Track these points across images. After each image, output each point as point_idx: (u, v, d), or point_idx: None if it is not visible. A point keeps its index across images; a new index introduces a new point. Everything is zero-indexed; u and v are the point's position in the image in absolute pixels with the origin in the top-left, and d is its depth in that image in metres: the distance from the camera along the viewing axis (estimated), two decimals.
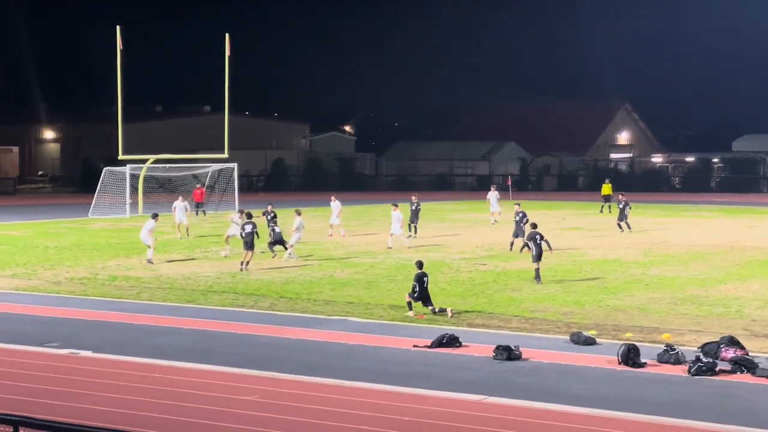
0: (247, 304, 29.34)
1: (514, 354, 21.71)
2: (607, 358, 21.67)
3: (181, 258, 40.47)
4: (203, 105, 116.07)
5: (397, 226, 43.29)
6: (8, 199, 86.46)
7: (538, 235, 33.03)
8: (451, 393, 19.01)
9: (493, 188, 58.35)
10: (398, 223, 43.31)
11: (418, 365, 21.42)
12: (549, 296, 30.51)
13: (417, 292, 27.09)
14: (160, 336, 24.58)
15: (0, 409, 16.22)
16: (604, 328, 25.21)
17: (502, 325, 25.87)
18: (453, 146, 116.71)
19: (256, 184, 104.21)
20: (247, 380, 19.99)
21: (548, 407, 18.02)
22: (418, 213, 49.31)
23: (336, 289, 31.93)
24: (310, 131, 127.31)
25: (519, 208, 43.18)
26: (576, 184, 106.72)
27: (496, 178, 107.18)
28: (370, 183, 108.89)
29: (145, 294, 31.19)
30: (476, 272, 36.04)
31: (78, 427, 11.76)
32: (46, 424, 11.71)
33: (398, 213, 43.41)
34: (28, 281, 34.11)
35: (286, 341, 24.04)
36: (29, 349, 22.98)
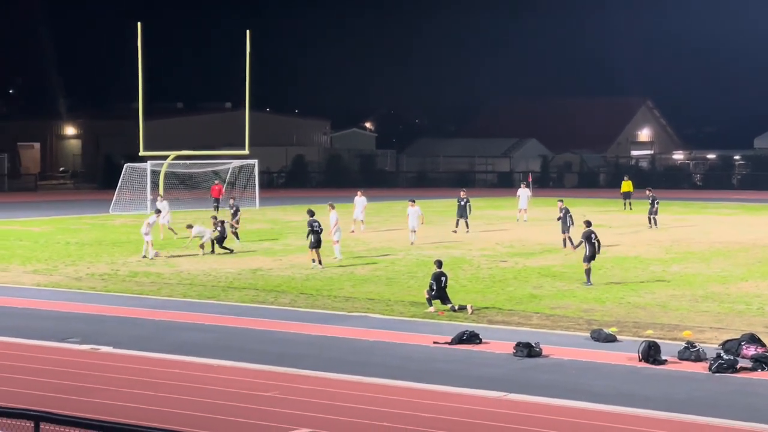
0: (267, 300, 29.36)
1: (534, 351, 21.67)
2: (628, 355, 21.59)
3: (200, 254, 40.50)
4: (224, 101, 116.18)
5: (416, 222, 43.19)
6: (29, 195, 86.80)
7: (594, 234, 32.01)
8: (472, 390, 18.98)
9: (523, 185, 58.12)
10: (416, 218, 43.23)
11: (438, 362, 21.40)
12: (569, 293, 30.43)
13: (434, 291, 27.05)
14: (180, 332, 24.63)
15: (21, 404, 16.28)
16: (624, 325, 25.13)
17: (523, 322, 25.82)
18: (474, 143, 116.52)
19: (277, 180, 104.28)
20: (267, 376, 20.00)
21: (569, 404, 17.97)
22: (466, 208, 49.46)
23: (356, 286, 31.93)
24: (331, 128, 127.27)
25: (562, 204, 42.80)
26: (597, 181, 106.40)
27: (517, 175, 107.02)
28: (390, 180, 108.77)
29: (165, 290, 31.26)
30: (496, 269, 35.98)
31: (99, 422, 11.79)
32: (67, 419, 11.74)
33: (416, 208, 43.35)
34: (49, 277, 34.23)
35: (306, 337, 24.05)
36: (50, 344, 23.06)
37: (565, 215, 41.73)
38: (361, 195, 50.55)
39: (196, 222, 43.13)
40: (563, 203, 43.22)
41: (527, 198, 56.19)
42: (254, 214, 62.66)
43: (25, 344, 23.07)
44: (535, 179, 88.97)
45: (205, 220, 46.24)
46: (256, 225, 54.49)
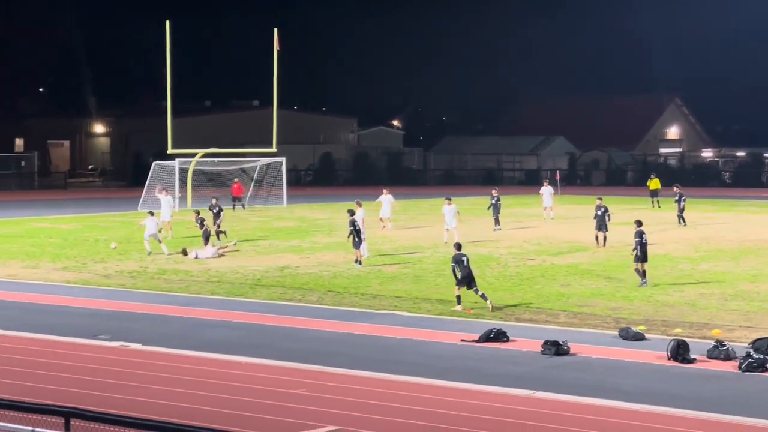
0: (295, 298, 29.42)
1: (562, 349, 21.63)
2: (656, 353, 21.52)
3: (228, 252, 40.62)
4: (252, 99, 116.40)
5: (453, 220, 42.94)
6: (59, 192, 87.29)
7: (644, 234, 31.53)
8: (499, 387, 18.97)
9: (546, 183, 57.95)
10: (453, 216, 43.00)
11: (465, 359, 21.40)
12: (597, 291, 30.35)
13: (458, 276, 26.95)
14: (208, 329, 24.72)
15: (51, 400, 16.38)
16: (653, 324, 25.04)
17: (550, 320, 25.78)
18: (501, 141, 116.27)
19: (304, 178, 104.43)
20: (295, 374, 20.05)
21: (597, 403, 17.94)
22: (498, 206, 49.54)
23: (384, 284, 31.95)
24: (358, 125, 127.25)
25: (601, 202, 42.38)
26: (625, 178, 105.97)
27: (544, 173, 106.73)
28: (417, 177, 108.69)
29: (194, 287, 31.38)
30: (524, 267, 35.92)
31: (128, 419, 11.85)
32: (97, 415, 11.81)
33: (453, 206, 43.21)
34: (79, 274, 34.42)
35: (333, 335, 24.09)
36: (80, 341, 23.21)
37: (603, 213, 41.39)
38: (386, 193, 50.55)
39: None
40: (602, 201, 42.70)
41: (551, 195, 56.01)
42: (282, 212, 62.79)
43: (55, 341, 23.22)
44: (563, 177, 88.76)
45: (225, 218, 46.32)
46: (284, 223, 54.60)
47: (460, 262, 27.07)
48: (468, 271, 27.00)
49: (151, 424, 11.47)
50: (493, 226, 49.16)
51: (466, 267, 27.00)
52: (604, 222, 41.24)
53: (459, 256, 27.25)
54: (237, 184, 64.97)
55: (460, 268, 27.01)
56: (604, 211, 41.46)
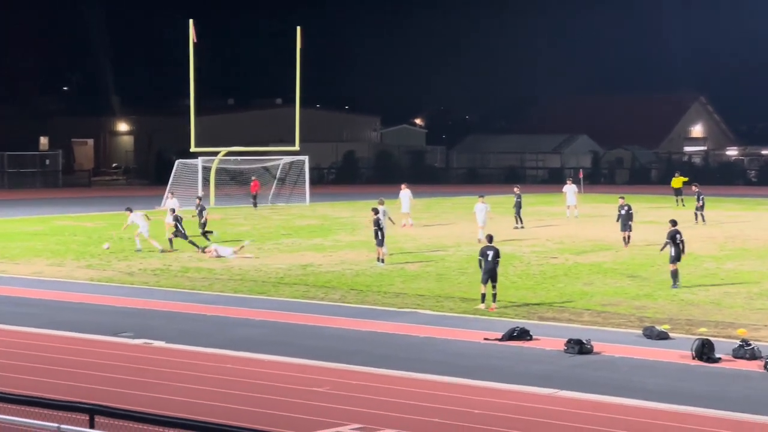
0: (317, 296, 29.43)
1: (585, 348, 21.56)
2: (681, 352, 21.42)
3: (251, 251, 40.67)
4: (275, 98, 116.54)
5: (485, 218, 42.80)
6: (83, 190, 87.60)
7: (679, 234, 30.80)
8: (522, 386, 18.92)
9: (569, 181, 57.77)
10: (485, 214, 42.87)
11: (488, 358, 21.36)
12: (621, 290, 30.23)
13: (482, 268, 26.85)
14: (231, 327, 24.76)
15: (76, 397, 16.44)
16: (677, 323, 24.93)
17: (574, 319, 25.69)
18: (524, 139, 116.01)
19: (327, 176, 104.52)
20: (318, 372, 20.05)
21: (621, 402, 17.87)
22: (520, 204, 49.56)
23: (406, 282, 31.92)
24: (381, 124, 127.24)
25: (624, 201, 42.11)
26: (649, 177, 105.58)
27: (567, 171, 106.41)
28: (440, 176, 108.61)
29: (217, 285, 31.43)
30: (547, 265, 35.82)
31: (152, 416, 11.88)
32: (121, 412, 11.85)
33: (486, 205, 43.06)
34: (103, 272, 34.53)
35: (356, 333, 24.09)
36: (104, 338, 23.28)
37: (627, 213, 41.11)
38: (405, 188, 50.70)
39: None
40: (624, 200, 42.42)
41: (574, 194, 55.82)
42: (304, 211, 62.84)
43: (79, 338, 23.30)
44: (586, 175, 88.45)
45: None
46: (306, 221, 54.63)
47: (484, 256, 26.94)
48: (491, 266, 26.82)
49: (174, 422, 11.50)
50: (516, 224, 49.10)
51: (489, 262, 26.84)
52: (627, 221, 41.01)
53: (485, 249, 27.11)
54: (255, 182, 64.96)
55: (484, 261, 26.89)
56: (628, 210, 41.23)
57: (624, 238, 41.00)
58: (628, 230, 40.93)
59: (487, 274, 26.85)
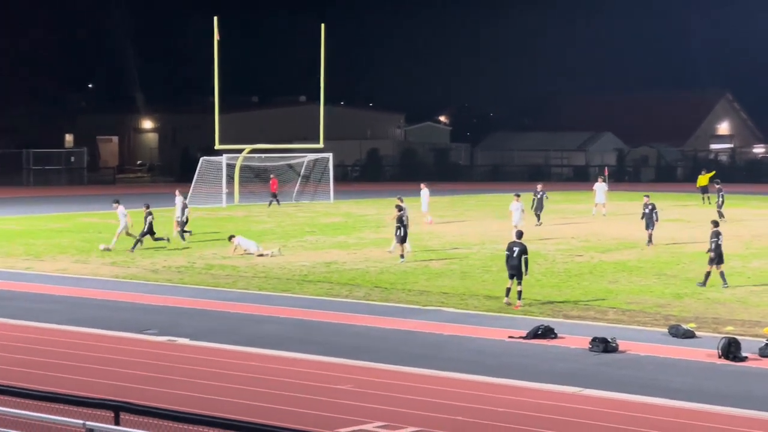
0: (341, 293, 29.43)
1: (610, 346, 21.47)
2: (707, 351, 21.31)
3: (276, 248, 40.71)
4: (299, 95, 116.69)
5: (520, 218, 42.59)
6: (108, 188, 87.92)
7: (721, 235, 30.30)
8: (547, 384, 18.86)
9: (600, 180, 57.57)
10: (520, 213, 42.68)
11: (513, 356, 21.31)
12: (647, 288, 30.10)
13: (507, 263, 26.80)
14: (255, 324, 24.79)
15: (101, 394, 16.48)
16: (703, 321, 24.80)
17: (599, 317, 25.60)
18: (549, 137, 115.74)
19: (351, 174, 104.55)
20: (342, 369, 20.05)
21: (646, 400, 17.78)
22: (542, 201, 49.51)
23: (431, 280, 31.89)
24: (405, 121, 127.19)
25: (648, 200, 41.80)
26: (674, 175, 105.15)
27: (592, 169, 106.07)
28: (464, 173, 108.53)
29: (241, 283, 31.47)
30: (572, 263, 35.71)
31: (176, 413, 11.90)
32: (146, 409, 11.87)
33: (520, 203, 42.84)
34: (127, 269, 34.65)
35: (380, 331, 24.07)
36: (128, 335, 23.35)
37: (651, 211, 40.82)
38: (424, 187, 50.86)
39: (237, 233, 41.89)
40: (649, 199, 42.11)
41: (604, 192, 55.60)
42: (328, 208, 62.88)
43: (104, 335, 23.38)
44: (611, 173, 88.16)
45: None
46: (330, 219, 54.66)
47: (510, 252, 26.86)
48: (515, 262, 26.72)
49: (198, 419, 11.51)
50: (537, 221, 48.98)
51: (514, 258, 26.76)
52: (652, 220, 40.75)
53: (511, 244, 27.01)
54: (273, 180, 64.79)
55: (509, 257, 26.81)
56: (652, 208, 40.94)
57: (648, 236, 40.72)
58: (651, 229, 40.66)
59: (511, 270, 26.80)
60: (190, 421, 11.47)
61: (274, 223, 51.88)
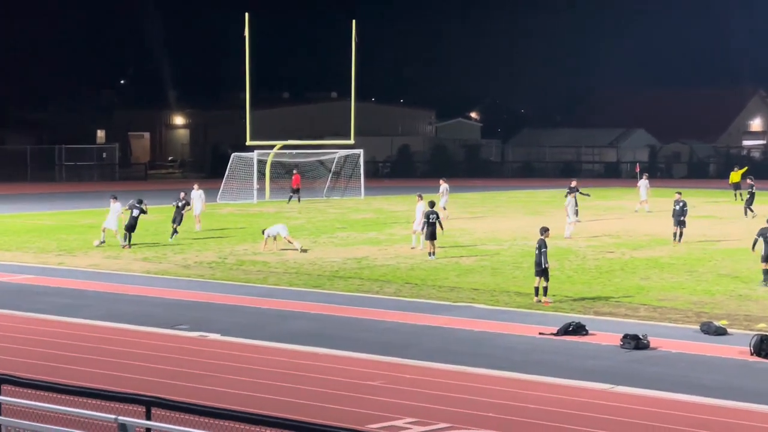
0: (372, 289, 29.44)
1: (642, 343, 21.38)
2: (739, 348, 21.19)
3: (306, 244, 40.80)
4: (330, 91, 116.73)
5: (572, 213, 42.34)
6: (139, 183, 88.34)
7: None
8: (578, 381, 18.82)
9: (645, 176, 57.35)
10: (572, 209, 42.42)
11: (543, 353, 21.26)
12: (678, 285, 29.96)
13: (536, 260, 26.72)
14: (286, 320, 24.85)
15: (133, 389, 16.57)
16: (735, 318, 24.66)
17: (630, 314, 25.50)
18: (580, 133, 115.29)
19: (382, 170, 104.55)
20: (371, 365, 20.07)
21: (678, 398, 17.71)
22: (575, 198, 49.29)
23: (461, 276, 31.86)
24: (436, 117, 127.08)
25: (680, 197, 41.48)
26: (707, 171, 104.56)
27: (624, 166, 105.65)
28: (495, 170, 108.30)
29: (272, 279, 31.54)
30: (603, 260, 35.58)
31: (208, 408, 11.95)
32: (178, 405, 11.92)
33: (574, 198, 42.53)
34: (158, 265, 34.79)
35: (410, 327, 24.07)
36: (160, 331, 23.46)
37: (682, 208, 40.44)
38: (443, 183, 51.00)
39: None
40: (681, 196, 41.77)
41: (647, 189, 55.29)
42: (359, 204, 62.92)
43: (135, 330, 23.50)
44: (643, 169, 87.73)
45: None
46: (361, 215, 54.70)
47: (537, 249, 26.80)
48: (537, 258, 26.65)
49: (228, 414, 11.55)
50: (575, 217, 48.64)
51: (537, 255, 26.72)
52: (681, 217, 40.26)
53: (541, 242, 26.94)
54: (296, 176, 64.58)
55: (537, 253, 26.74)
56: (682, 206, 40.54)
57: (674, 233, 40.22)
58: (680, 226, 40.18)
59: (535, 267, 26.76)
60: (220, 417, 11.52)
61: (304, 219, 51.96)
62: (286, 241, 38.04)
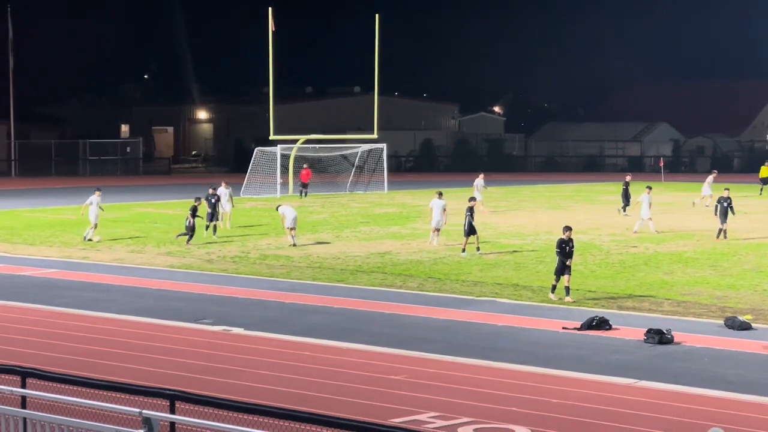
0: (395, 284, 29.46)
1: (665, 338, 21.32)
2: (764, 343, 21.12)
3: (329, 239, 40.86)
4: (353, 86, 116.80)
5: (647, 210, 41.88)
6: (163, 178, 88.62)
7: None
8: (601, 376, 18.78)
9: (714, 173, 57.32)
10: (647, 205, 41.95)
11: (567, 347, 21.23)
12: (702, 279, 29.84)
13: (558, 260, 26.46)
14: (309, 314, 24.88)
15: (157, 383, 16.63)
16: (760, 313, 24.56)
17: (654, 308, 25.43)
18: (603, 127, 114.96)
19: (405, 164, 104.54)
20: (395, 359, 20.08)
21: (702, 392, 17.66)
22: (628, 192, 49.12)
23: (484, 270, 31.83)
24: (459, 112, 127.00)
25: (728, 194, 41.15)
26: (731, 165, 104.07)
27: (648, 160, 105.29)
28: (518, 164, 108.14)
29: (295, 273, 31.59)
30: (627, 254, 35.47)
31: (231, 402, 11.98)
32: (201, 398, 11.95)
33: (649, 195, 42.05)
34: (182, 259, 34.90)
35: (433, 321, 24.08)
36: (183, 325, 23.53)
37: (727, 206, 39.95)
38: (481, 177, 51.32)
39: None
40: (729, 192, 41.39)
41: (709, 185, 54.70)
42: (382, 199, 62.92)
43: (159, 325, 23.59)
44: (667, 164, 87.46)
45: None
46: (384, 209, 54.70)
47: (560, 249, 26.52)
48: (558, 258, 26.44)
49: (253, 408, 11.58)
50: (623, 211, 48.91)
51: (557, 254, 26.51)
52: (726, 214, 39.75)
53: (560, 242, 26.67)
54: (306, 171, 64.35)
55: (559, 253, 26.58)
56: (729, 202, 40.04)
57: (721, 230, 39.71)
58: (724, 223, 39.71)
59: (560, 263, 26.53)
60: (244, 410, 11.55)
61: (327, 213, 52.01)
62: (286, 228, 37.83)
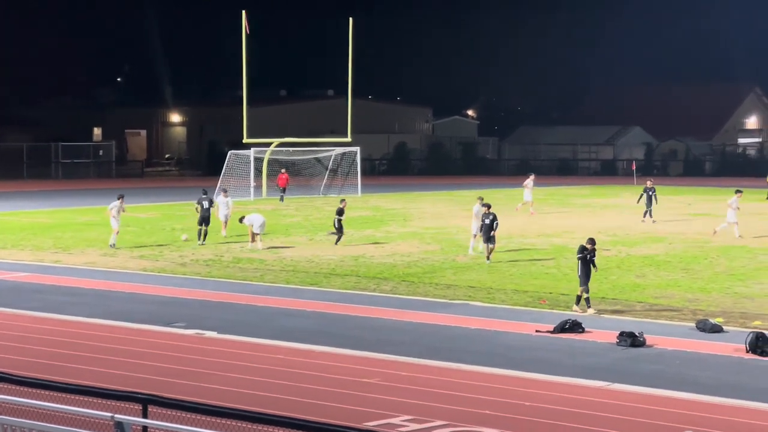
0: (369, 287, 29.46)
1: (638, 341, 21.41)
2: (735, 346, 21.23)
3: (303, 242, 40.84)
4: (327, 89, 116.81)
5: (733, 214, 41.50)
6: (136, 181, 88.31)
7: None
8: (574, 379, 18.84)
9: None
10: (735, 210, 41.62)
11: (540, 350, 21.28)
12: (674, 282, 29.99)
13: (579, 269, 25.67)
14: (283, 318, 24.85)
15: (129, 387, 16.57)
16: (731, 316, 24.70)
17: (626, 311, 25.53)
18: (576, 130, 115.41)
19: (379, 167, 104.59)
20: (368, 363, 20.08)
21: (674, 395, 17.73)
22: (652, 198, 48.40)
23: (458, 273, 31.88)
24: (433, 115, 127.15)
25: (741, 195, 41.35)
26: (702, 169, 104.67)
27: (620, 163, 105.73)
28: (492, 167, 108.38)
29: (268, 276, 31.55)
30: (599, 257, 35.46)
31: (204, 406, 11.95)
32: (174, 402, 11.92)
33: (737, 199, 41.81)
34: (155, 263, 34.78)
35: (407, 325, 24.09)
36: (156, 328, 23.46)
37: (652, 194, 40.45)
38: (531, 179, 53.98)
39: None
40: (741, 194, 41.66)
41: None
42: (356, 202, 62.88)
43: (131, 328, 23.49)
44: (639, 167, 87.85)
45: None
46: (358, 212, 54.67)
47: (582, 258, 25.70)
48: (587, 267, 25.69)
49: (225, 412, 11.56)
50: (642, 217, 48.13)
51: (587, 262, 25.68)
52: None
53: (581, 248, 25.93)
54: (284, 175, 64.22)
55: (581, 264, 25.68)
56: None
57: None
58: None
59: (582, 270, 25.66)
60: (217, 414, 11.53)
61: (301, 216, 51.95)
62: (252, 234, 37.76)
